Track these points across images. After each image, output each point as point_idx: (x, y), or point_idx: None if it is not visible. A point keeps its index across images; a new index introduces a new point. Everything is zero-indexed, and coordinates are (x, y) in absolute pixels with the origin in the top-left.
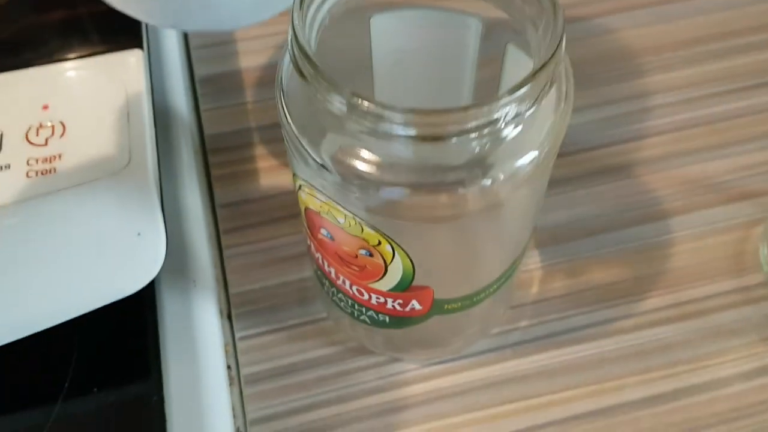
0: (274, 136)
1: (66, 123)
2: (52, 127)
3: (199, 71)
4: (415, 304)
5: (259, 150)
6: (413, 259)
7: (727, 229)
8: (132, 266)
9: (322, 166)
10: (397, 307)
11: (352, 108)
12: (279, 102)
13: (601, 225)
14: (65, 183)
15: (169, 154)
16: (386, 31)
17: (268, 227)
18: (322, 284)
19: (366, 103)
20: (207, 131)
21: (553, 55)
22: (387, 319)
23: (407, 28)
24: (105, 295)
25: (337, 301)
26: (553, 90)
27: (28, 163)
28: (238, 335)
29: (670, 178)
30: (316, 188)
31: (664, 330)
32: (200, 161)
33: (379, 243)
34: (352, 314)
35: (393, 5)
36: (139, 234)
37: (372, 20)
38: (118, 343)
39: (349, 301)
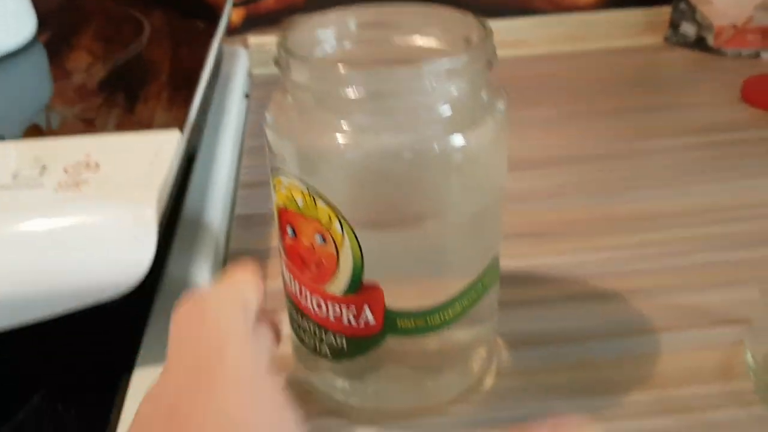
0: None
1: (100, 165)
2: (87, 163)
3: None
4: (368, 316)
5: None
6: (361, 242)
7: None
8: (122, 264)
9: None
10: (352, 321)
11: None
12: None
13: (589, 333)
14: (83, 199)
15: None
16: None
17: None
18: (293, 319)
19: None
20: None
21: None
22: (344, 343)
23: None
24: (93, 292)
25: (302, 334)
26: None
27: (59, 184)
28: None
29: (663, 306)
30: (287, 160)
31: (652, 423)
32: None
33: (330, 220)
34: (315, 349)
35: None
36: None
37: None
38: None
39: (311, 327)
